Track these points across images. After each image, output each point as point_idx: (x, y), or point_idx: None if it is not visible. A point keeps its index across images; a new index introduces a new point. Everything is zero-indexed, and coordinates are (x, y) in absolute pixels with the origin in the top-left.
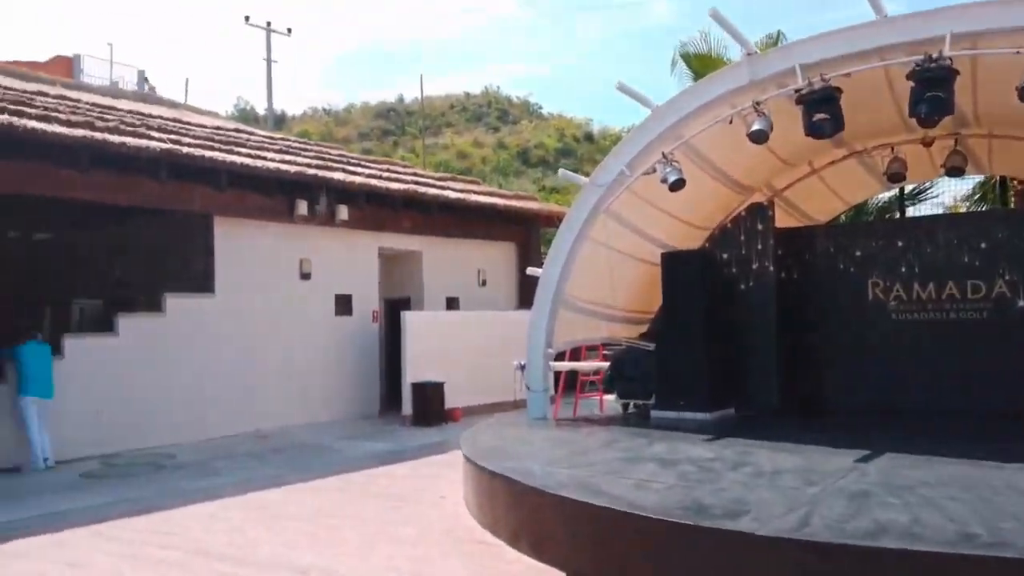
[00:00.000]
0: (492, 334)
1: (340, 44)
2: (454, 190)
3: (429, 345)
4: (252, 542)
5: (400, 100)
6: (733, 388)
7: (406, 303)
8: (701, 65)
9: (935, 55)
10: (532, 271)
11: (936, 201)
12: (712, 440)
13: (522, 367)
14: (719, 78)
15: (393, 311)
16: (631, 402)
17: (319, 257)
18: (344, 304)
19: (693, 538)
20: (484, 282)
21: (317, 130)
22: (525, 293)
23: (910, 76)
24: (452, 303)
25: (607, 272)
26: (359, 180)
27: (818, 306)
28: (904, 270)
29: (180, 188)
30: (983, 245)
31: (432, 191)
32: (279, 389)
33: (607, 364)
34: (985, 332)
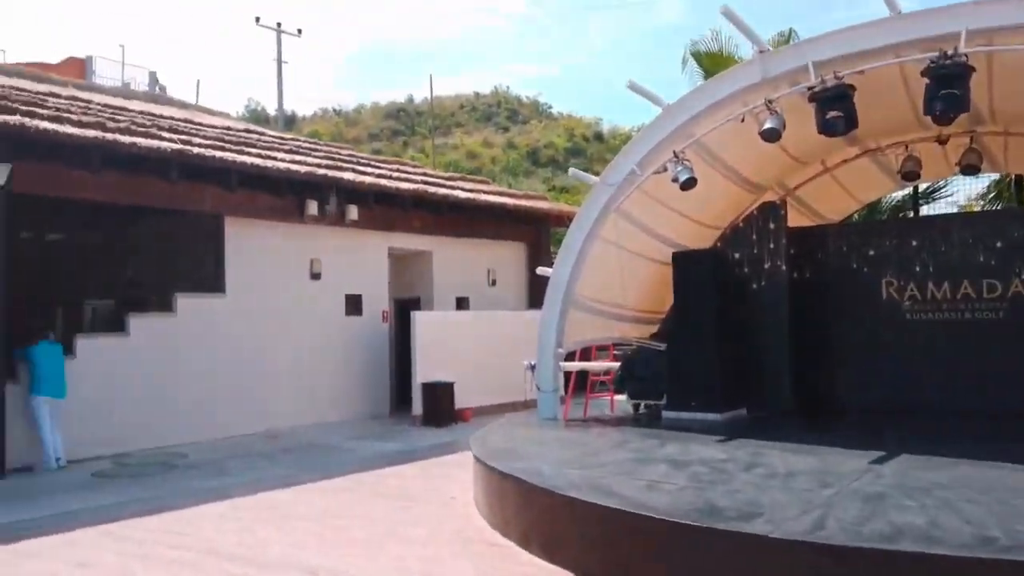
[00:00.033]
0: (502, 334)
1: (350, 45)
2: (464, 190)
3: (439, 345)
4: (262, 542)
5: (410, 100)
6: (745, 388)
7: (416, 303)
8: (712, 63)
9: (950, 52)
10: (542, 271)
11: (951, 200)
12: (724, 441)
13: (532, 367)
14: (731, 76)
15: (403, 311)
16: (642, 402)
17: (329, 257)
18: (354, 304)
19: (706, 540)
20: (494, 282)
21: (327, 131)
22: (535, 293)
23: (925, 73)
24: (462, 303)
25: (618, 272)
26: (369, 180)
27: (831, 306)
28: (918, 269)
29: (191, 188)
30: (999, 244)
31: (442, 191)
32: (289, 389)
33: (618, 364)
34: (1001, 332)
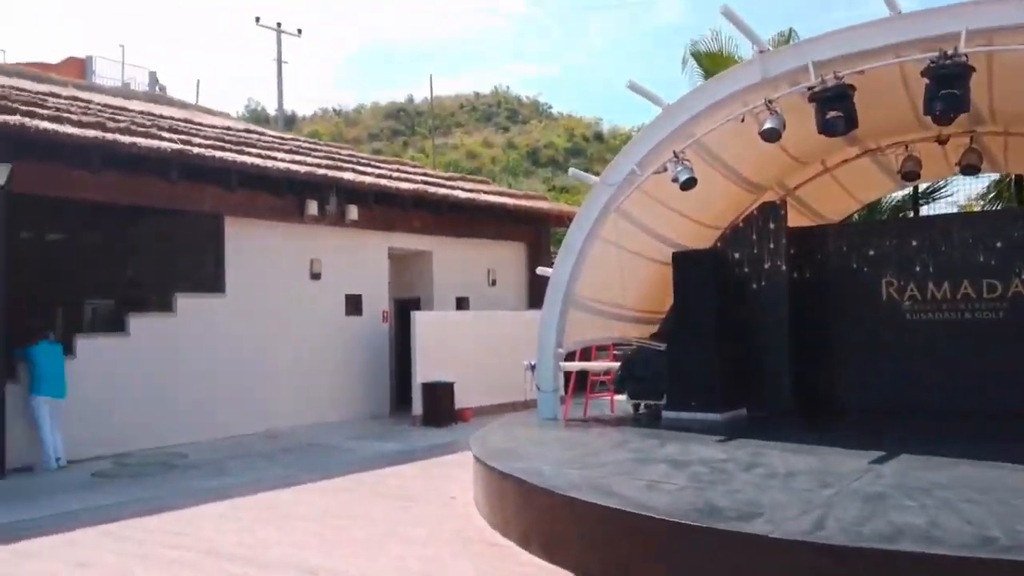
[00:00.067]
0: (502, 334)
1: (350, 45)
2: (464, 190)
3: (439, 345)
4: (262, 542)
5: (410, 100)
6: (745, 388)
7: (416, 303)
8: (712, 63)
9: (950, 52)
10: (542, 271)
11: (951, 200)
12: (724, 441)
13: (532, 367)
14: (731, 76)
15: (403, 311)
16: (642, 403)
17: (329, 257)
18: (354, 304)
19: (706, 540)
20: (494, 282)
21: (327, 131)
22: (535, 293)
23: (925, 73)
24: (462, 303)
25: (618, 272)
26: (369, 180)
27: (831, 306)
28: (918, 269)
29: (191, 188)
30: (999, 244)
31: (442, 191)
32: (289, 389)
33: (618, 364)
34: (1001, 332)
